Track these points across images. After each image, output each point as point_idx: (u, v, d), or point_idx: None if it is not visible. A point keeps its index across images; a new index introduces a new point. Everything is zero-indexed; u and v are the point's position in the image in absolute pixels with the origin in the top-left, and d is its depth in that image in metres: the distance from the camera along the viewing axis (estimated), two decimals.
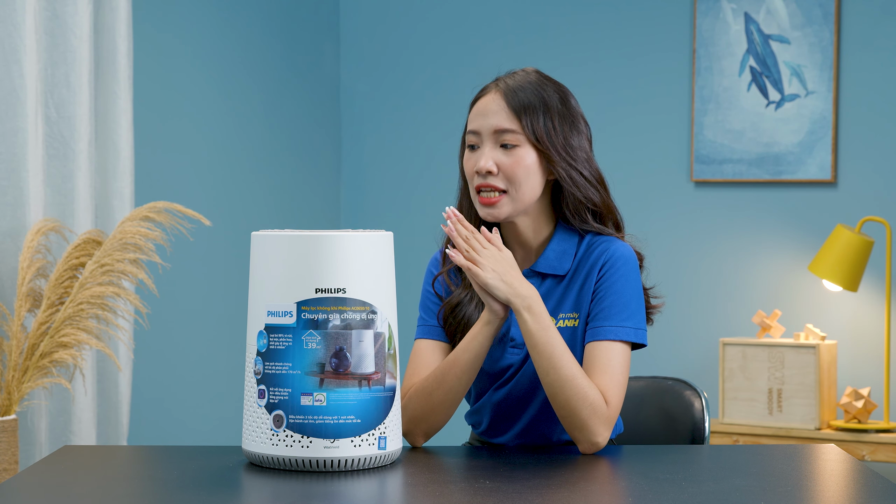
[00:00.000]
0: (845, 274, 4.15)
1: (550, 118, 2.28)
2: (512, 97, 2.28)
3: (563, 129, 2.29)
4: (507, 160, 2.27)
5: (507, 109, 2.27)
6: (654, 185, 4.61)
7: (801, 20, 4.42)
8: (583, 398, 2.18)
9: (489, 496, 1.86)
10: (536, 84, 2.30)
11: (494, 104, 2.28)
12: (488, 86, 2.33)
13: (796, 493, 1.92)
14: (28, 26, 3.43)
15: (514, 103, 2.27)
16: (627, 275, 2.28)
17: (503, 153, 2.27)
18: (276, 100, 4.73)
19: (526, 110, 2.27)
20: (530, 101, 2.28)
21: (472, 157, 2.30)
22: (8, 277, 3.45)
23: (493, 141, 2.28)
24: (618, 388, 2.22)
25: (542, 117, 2.28)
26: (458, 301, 2.32)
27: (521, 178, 2.27)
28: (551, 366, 2.18)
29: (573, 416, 2.18)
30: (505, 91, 2.29)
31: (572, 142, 2.29)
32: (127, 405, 3.72)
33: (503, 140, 2.27)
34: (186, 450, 2.24)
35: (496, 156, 2.27)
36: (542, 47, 4.76)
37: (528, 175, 2.27)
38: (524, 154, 2.27)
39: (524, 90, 2.28)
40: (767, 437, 4.18)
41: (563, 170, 2.29)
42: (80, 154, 3.59)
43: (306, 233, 2.04)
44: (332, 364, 2.01)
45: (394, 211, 4.97)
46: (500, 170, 2.27)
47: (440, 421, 2.27)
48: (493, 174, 2.27)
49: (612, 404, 2.21)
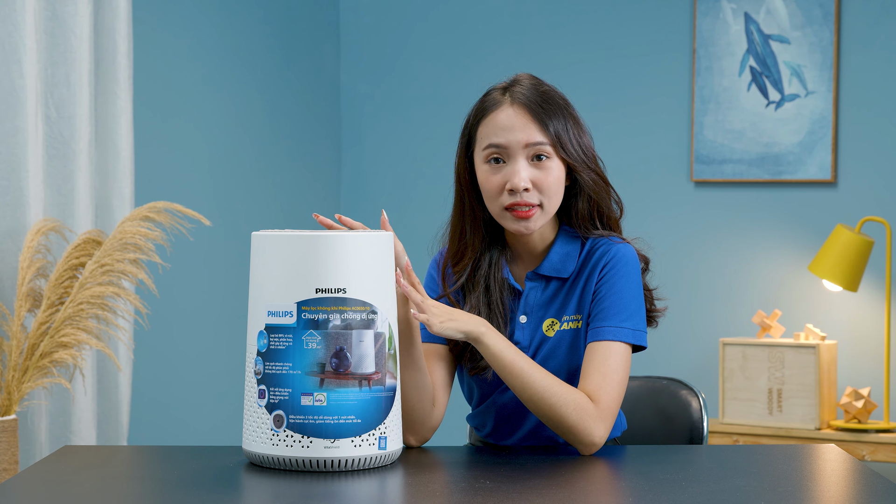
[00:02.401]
0: (845, 274, 4.15)
1: (569, 124, 2.27)
2: (535, 107, 2.25)
3: (577, 133, 2.29)
4: (541, 174, 2.25)
5: (535, 122, 2.25)
6: (654, 185, 4.61)
7: (801, 20, 4.42)
8: (564, 403, 2.17)
9: (489, 496, 1.86)
10: (545, 90, 2.28)
11: (518, 118, 2.25)
12: (492, 97, 2.29)
13: (796, 493, 1.92)
14: (28, 26, 3.43)
15: (539, 114, 2.25)
16: (628, 276, 2.28)
17: (535, 167, 2.25)
18: (276, 100, 4.73)
19: (550, 119, 2.25)
20: (550, 108, 2.26)
21: (500, 173, 2.26)
22: (8, 277, 3.45)
23: (525, 155, 2.25)
24: (611, 387, 2.21)
25: (564, 125, 2.26)
26: None
27: (554, 190, 2.26)
28: (523, 383, 2.17)
29: (562, 423, 2.18)
30: (525, 103, 2.25)
31: (585, 144, 2.30)
32: (127, 405, 3.72)
33: (536, 152, 2.25)
34: (186, 450, 2.24)
35: (529, 171, 2.26)
36: (542, 48, 4.76)
37: (559, 187, 2.27)
38: (554, 166, 2.26)
39: (540, 98, 2.26)
40: (767, 437, 4.18)
41: (588, 177, 2.28)
42: (80, 154, 3.59)
43: (306, 233, 2.04)
44: (333, 364, 2.01)
45: (394, 211, 4.97)
46: (534, 185, 2.25)
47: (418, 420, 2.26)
48: (529, 191, 2.25)
49: (604, 402, 2.19)
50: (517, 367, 2.18)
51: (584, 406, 2.18)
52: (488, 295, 2.33)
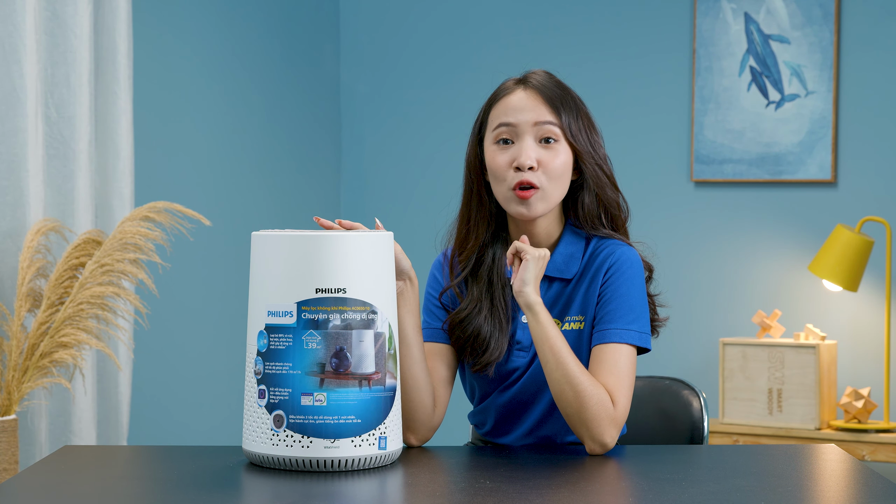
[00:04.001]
0: (845, 274, 4.15)
1: (579, 118, 2.29)
2: (548, 93, 2.28)
3: (588, 128, 2.30)
4: (547, 155, 2.26)
5: (546, 104, 2.27)
6: (654, 185, 4.61)
7: (801, 20, 4.42)
8: (590, 395, 2.17)
9: (489, 496, 1.86)
10: (560, 84, 2.31)
11: (530, 100, 2.28)
12: (509, 85, 2.32)
13: (796, 493, 1.92)
14: (28, 26, 3.43)
15: (552, 99, 2.27)
16: (633, 278, 2.28)
17: (542, 148, 2.27)
18: (276, 100, 4.73)
19: (563, 106, 2.28)
20: (564, 98, 2.28)
21: (508, 152, 2.28)
22: (8, 277, 3.45)
23: (533, 135, 2.27)
24: (625, 390, 2.22)
25: (575, 116, 2.28)
26: (467, 314, 2.32)
27: (559, 174, 2.27)
28: (558, 361, 2.17)
29: (581, 413, 2.18)
30: (538, 88, 2.28)
31: (594, 141, 2.31)
32: (127, 405, 3.71)
33: (544, 133, 2.27)
34: (186, 450, 2.24)
35: (537, 151, 2.27)
36: (542, 48, 4.76)
37: (565, 172, 2.28)
38: (561, 150, 2.28)
39: (555, 88, 2.29)
40: (767, 437, 4.18)
41: (593, 168, 2.29)
42: (80, 154, 3.59)
43: (307, 233, 2.04)
44: (333, 364, 2.01)
45: (394, 211, 4.97)
46: (540, 165, 2.26)
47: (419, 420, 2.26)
48: (535, 170, 2.26)
49: (620, 405, 2.20)
50: (557, 346, 2.18)
51: (606, 405, 2.18)
52: (491, 293, 2.33)
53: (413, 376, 2.23)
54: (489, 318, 2.31)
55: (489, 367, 2.31)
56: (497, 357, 2.30)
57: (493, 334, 2.30)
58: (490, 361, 2.30)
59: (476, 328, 2.30)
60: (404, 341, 2.22)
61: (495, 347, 2.30)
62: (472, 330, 2.30)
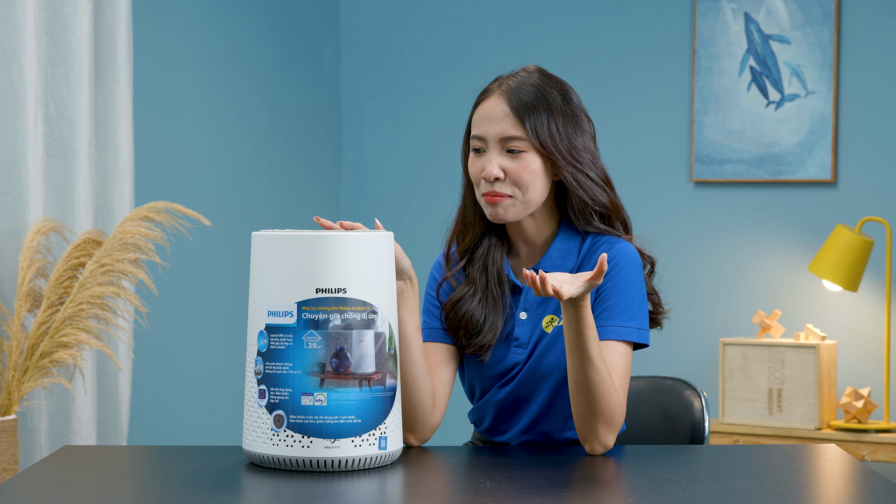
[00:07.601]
0: (845, 274, 4.15)
1: (554, 120, 2.28)
2: (515, 101, 2.27)
3: (566, 130, 2.29)
4: (514, 165, 2.27)
5: (512, 116, 2.27)
6: (654, 185, 4.61)
7: (801, 20, 4.42)
8: (610, 400, 2.17)
9: (489, 496, 1.86)
10: (538, 85, 2.29)
11: (498, 109, 2.28)
12: (490, 87, 2.32)
13: (796, 493, 1.92)
14: (28, 26, 3.43)
15: (518, 108, 2.26)
16: (631, 275, 2.28)
17: (509, 158, 2.27)
18: (276, 100, 4.73)
19: (530, 115, 2.26)
20: (533, 104, 2.27)
21: (478, 162, 2.30)
22: (8, 277, 3.45)
23: (499, 147, 2.28)
24: (624, 390, 2.23)
25: (545, 120, 2.27)
26: (461, 297, 2.33)
27: (527, 182, 2.27)
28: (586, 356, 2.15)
29: (594, 412, 2.17)
30: (508, 94, 2.28)
31: (577, 143, 2.29)
32: (127, 405, 3.72)
33: (509, 147, 2.27)
34: (186, 450, 2.24)
35: (502, 161, 2.27)
36: (542, 47, 4.76)
37: (534, 179, 2.28)
38: (530, 160, 2.27)
39: (527, 93, 2.27)
40: (767, 437, 4.18)
41: (568, 174, 2.29)
42: (80, 154, 3.59)
43: (307, 233, 2.04)
44: (333, 364, 2.01)
45: (394, 211, 4.97)
46: (507, 175, 2.27)
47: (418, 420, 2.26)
48: (501, 180, 2.27)
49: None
50: (590, 342, 2.15)
51: (618, 413, 2.19)
52: (487, 289, 2.34)
53: (413, 376, 2.23)
54: (483, 300, 2.32)
55: (483, 351, 2.31)
56: (491, 339, 2.31)
57: (488, 317, 2.31)
58: (484, 344, 2.31)
59: (470, 310, 2.31)
60: (404, 341, 2.22)
61: (489, 330, 2.31)
62: (465, 311, 2.31)
